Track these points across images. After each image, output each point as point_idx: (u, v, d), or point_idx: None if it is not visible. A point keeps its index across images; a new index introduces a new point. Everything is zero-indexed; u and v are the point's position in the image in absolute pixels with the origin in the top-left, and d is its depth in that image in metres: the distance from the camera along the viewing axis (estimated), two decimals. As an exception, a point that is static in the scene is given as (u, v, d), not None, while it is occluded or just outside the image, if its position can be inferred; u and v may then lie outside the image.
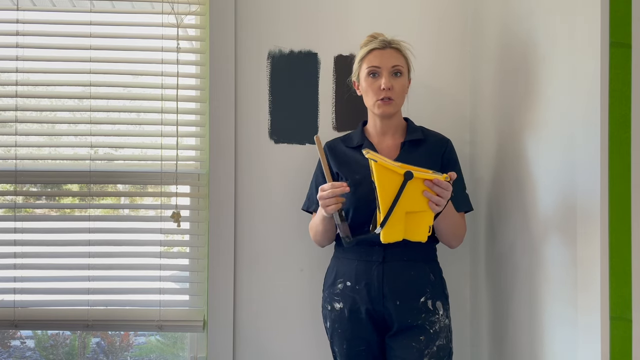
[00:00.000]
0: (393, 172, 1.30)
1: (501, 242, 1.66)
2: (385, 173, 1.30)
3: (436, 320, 1.52)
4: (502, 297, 1.66)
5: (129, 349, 2.29)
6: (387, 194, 1.30)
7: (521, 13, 1.54)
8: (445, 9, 1.91)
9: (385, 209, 1.31)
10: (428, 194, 1.32)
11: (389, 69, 1.53)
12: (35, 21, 1.90)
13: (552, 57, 1.35)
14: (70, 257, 1.90)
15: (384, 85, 1.52)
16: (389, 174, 1.30)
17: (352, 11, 1.91)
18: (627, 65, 1.13)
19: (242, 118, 1.89)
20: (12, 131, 1.90)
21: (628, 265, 1.13)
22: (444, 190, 1.32)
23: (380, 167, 1.30)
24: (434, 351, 1.49)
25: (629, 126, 1.13)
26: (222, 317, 1.86)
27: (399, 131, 1.61)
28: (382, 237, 1.34)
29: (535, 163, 1.44)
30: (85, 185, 1.91)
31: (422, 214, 1.34)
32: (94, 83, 1.89)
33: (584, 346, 1.19)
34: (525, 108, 1.50)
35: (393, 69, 1.53)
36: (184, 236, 1.95)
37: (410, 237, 1.35)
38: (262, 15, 1.90)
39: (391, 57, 1.54)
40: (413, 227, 1.34)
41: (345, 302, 1.55)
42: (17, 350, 2.22)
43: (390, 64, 1.53)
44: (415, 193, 1.31)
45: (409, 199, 1.31)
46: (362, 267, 1.53)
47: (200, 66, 1.93)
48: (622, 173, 1.13)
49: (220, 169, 1.87)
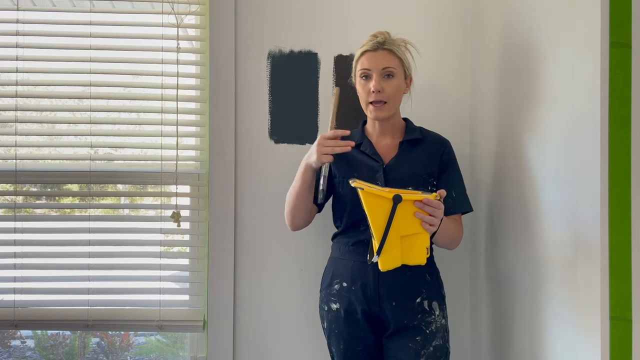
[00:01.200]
0: (382, 198, 1.28)
1: (501, 242, 1.66)
2: (374, 200, 1.29)
3: (432, 321, 1.51)
4: (502, 297, 1.66)
5: (129, 348, 2.30)
6: (378, 220, 1.29)
7: (521, 13, 1.54)
8: (445, 9, 1.91)
9: (379, 236, 1.29)
10: (420, 215, 1.31)
11: (379, 71, 1.52)
12: (35, 21, 1.90)
13: (552, 57, 1.35)
14: (70, 257, 1.90)
15: (374, 88, 1.51)
16: (378, 200, 1.28)
17: (352, 11, 1.91)
18: (627, 65, 1.13)
19: (242, 118, 1.89)
20: (12, 131, 1.90)
21: (628, 265, 1.13)
22: (435, 209, 1.32)
23: (368, 195, 1.28)
24: (430, 351, 1.49)
25: (629, 126, 1.13)
26: (222, 317, 1.86)
27: (398, 131, 1.61)
28: (380, 265, 1.32)
29: (535, 163, 1.44)
30: (85, 185, 1.91)
31: (417, 236, 1.32)
32: (94, 83, 1.89)
33: (584, 346, 1.19)
34: (525, 108, 1.50)
35: (384, 71, 1.52)
36: (184, 236, 1.95)
37: (408, 261, 1.33)
38: (262, 15, 1.90)
39: (382, 59, 1.52)
40: (410, 251, 1.33)
41: (341, 302, 1.55)
42: (17, 350, 2.22)
43: (380, 66, 1.52)
44: (407, 216, 1.30)
45: (401, 222, 1.29)
46: (358, 268, 1.53)
47: (200, 66, 1.93)
48: (622, 173, 1.13)
49: (220, 169, 1.87)
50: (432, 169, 1.56)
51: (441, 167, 1.58)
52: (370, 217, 1.29)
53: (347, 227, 1.58)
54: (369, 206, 1.29)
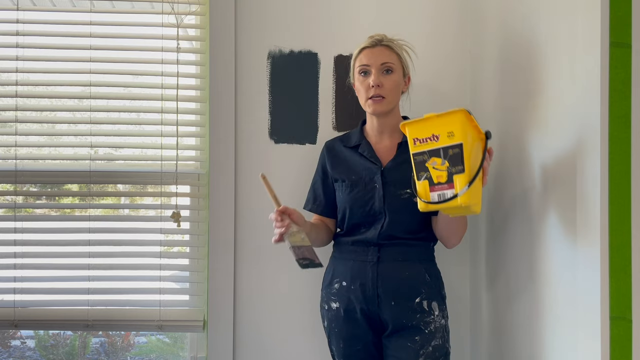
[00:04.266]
0: (476, 130, 1.25)
1: (501, 242, 1.66)
2: (471, 130, 1.24)
3: (431, 321, 1.51)
4: (502, 297, 1.65)
5: (129, 348, 2.30)
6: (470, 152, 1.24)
7: (521, 13, 1.54)
8: (445, 9, 1.91)
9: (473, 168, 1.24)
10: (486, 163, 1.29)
11: (378, 67, 1.52)
12: (35, 21, 1.90)
13: (552, 57, 1.35)
14: (70, 257, 1.90)
15: (373, 82, 1.51)
16: (473, 132, 1.25)
17: (352, 11, 1.91)
18: (627, 65, 1.13)
19: (242, 118, 1.89)
20: (12, 131, 1.90)
21: (628, 265, 1.13)
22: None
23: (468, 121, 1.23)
24: (429, 351, 1.49)
25: (629, 126, 1.13)
26: (222, 317, 1.86)
27: (397, 131, 1.60)
28: (464, 198, 1.24)
29: (535, 163, 1.44)
30: (85, 185, 1.91)
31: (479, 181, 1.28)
32: (94, 83, 1.89)
33: (584, 346, 1.19)
34: (525, 108, 1.50)
35: (383, 66, 1.52)
36: (184, 236, 1.95)
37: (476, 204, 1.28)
38: (262, 15, 1.90)
39: (381, 55, 1.53)
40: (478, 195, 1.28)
41: (341, 301, 1.55)
42: (17, 350, 2.22)
43: (379, 61, 1.52)
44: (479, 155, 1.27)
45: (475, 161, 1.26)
46: (357, 267, 1.54)
47: (200, 66, 1.93)
48: (622, 173, 1.13)
49: (220, 169, 1.87)
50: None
51: None
52: (466, 146, 1.23)
53: (349, 230, 1.59)
54: (467, 135, 1.23)
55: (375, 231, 1.52)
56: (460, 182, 1.25)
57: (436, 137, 1.28)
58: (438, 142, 1.27)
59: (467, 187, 1.23)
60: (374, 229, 1.52)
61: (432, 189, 1.31)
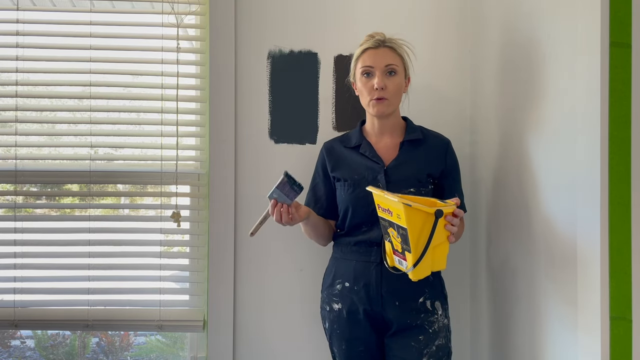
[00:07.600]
0: (424, 213, 1.28)
1: (501, 242, 1.66)
2: (416, 215, 1.27)
3: (435, 320, 1.51)
4: (502, 297, 1.66)
5: (129, 348, 2.30)
6: (418, 234, 1.28)
7: (521, 13, 1.54)
8: (445, 9, 1.91)
9: (418, 249, 1.29)
10: (449, 227, 1.31)
11: (382, 68, 1.52)
12: (35, 21, 1.90)
13: (552, 57, 1.35)
14: (70, 257, 1.90)
15: (377, 85, 1.51)
16: (420, 216, 1.28)
17: (352, 11, 1.91)
18: (627, 65, 1.13)
19: (242, 118, 1.89)
20: (12, 131, 1.90)
21: (628, 265, 1.13)
22: (459, 219, 1.33)
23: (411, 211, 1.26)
24: (433, 351, 1.49)
25: (629, 126, 1.13)
26: (222, 317, 1.86)
27: (398, 130, 1.61)
28: (413, 276, 1.33)
29: (535, 163, 1.44)
30: (85, 185, 1.91)
31: (442, 245, 1.33)
32: (94, 83, 1.89)
33: (584, 346, 1.19)
34: (526, 108, 1.50)
35: (387, 68, 1.52)
36: (184, 236, 1.95)
37: (433, 268, 1.35)
38: (262, 15, 1.90)
39: (385, 56, 1.53)
40: (436, 260, 1.34)
41: (343, 302, 1.55)
42: (17, 350, 2.22)
43: (383, 63, 1.52)
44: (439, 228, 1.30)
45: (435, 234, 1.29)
46: (361, 268, 1.53)
47: (200, 66, 1.93)
48: (622, 173, 1.13)
49: (220, 169, 1.87)
50: (433, 170, 1.56)
51: (446, 169, 1.58)
52: (411, 231, 1.28)
53: (350, 229, 1.58)
54: (411, 221, 1.27)
55: (378, 231, 1.52)
56: (408, 261, 1.32)
57: (390, 213, 1.33)
58: (392, 217, 1.32)
59: (412, 267, 1.31)
60: (377, 229, 1.52)
61: (394, 252, 1.39)
